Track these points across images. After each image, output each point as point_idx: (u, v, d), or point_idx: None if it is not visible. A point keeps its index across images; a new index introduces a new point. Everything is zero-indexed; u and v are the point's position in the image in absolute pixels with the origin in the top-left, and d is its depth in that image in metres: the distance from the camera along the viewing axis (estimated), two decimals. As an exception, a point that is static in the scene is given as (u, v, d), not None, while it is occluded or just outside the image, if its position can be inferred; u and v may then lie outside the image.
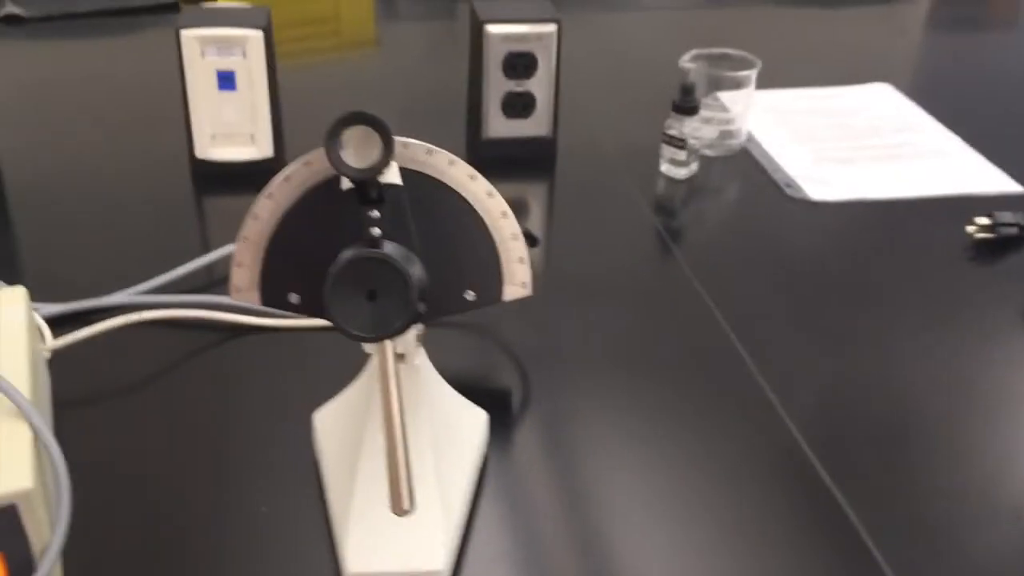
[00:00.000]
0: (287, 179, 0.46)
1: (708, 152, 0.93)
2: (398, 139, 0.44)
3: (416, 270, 0.44)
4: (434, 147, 0.46)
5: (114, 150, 0.92)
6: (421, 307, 0.44)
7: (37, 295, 0.59)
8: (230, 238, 0.76)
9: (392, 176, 0.45)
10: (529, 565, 0.51)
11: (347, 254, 0.42)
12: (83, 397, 0.62)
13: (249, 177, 0.85)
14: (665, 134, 0.88)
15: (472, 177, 0.46)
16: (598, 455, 0.59)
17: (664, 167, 0.90)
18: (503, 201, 0.47)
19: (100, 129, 0.96)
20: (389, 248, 0.43)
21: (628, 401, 0.63)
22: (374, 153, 0.42)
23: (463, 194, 0.47)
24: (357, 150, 0.42)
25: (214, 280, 0.74)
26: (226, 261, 0.74)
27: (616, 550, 0.52)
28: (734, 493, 0.56)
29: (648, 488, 0.56)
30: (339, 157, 0.41)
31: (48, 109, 1.00)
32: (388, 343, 0.44)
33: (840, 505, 0.55)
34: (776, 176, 0.91)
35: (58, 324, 0.66)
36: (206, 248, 0.76)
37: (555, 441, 0.59)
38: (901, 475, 0.58)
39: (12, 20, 1.20)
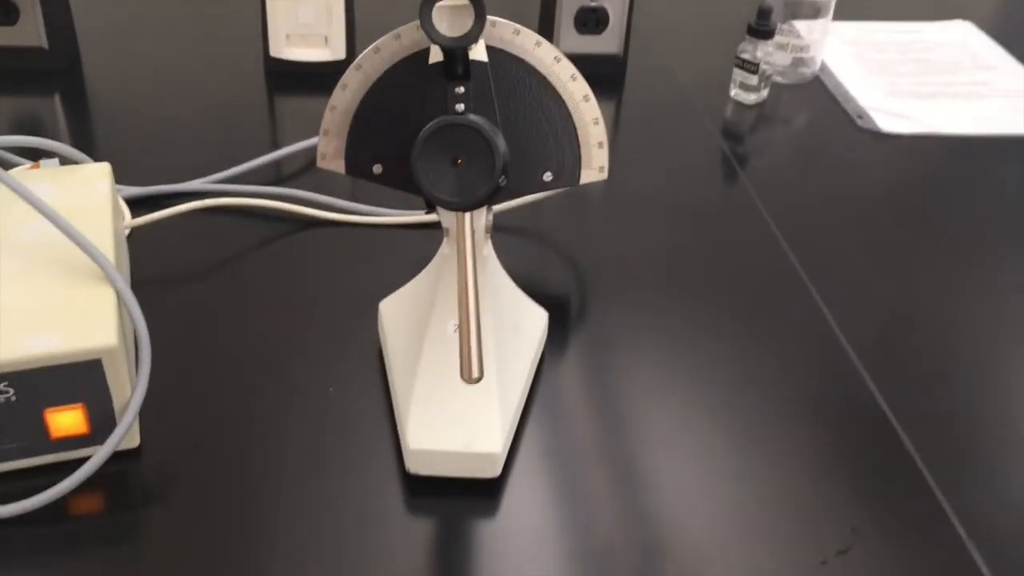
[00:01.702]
0: (376, 50, 0.47)
1: (780, 79, 0.92)
2: (488, 17, 0.44)
3: (501, 142, 0.45)
4: (522, 27, 0.46)
5: (192, 46, 0.94)
6: (502, 180, 0.44)
7: (116, 178, 0.61)
8: (300, 136, 0.78)
9: (479, 53, 0.46)
10: (574, 461, 0.53)
11: (436, 120, 0.43)
12: (157, 275, 0.64)
13: (321, 78, 0.86)
14: (738, 57, 0.87)
15: (557, 60, 0.47)
16: (650, 367, 0.59)
17: (734, 92, 0.89)
18: (586, 85, 0.47)
19: (177, 24, 0.98)
20: (476, 118, 0.44)
21: (683, 319, 0.64)
22: (466, 23, 0.42)
23: (547, 76, 0.47)
24: (451, 19, 0.42)
25: (283, 176, 0.75)
26: (295, 158, 0.76)
27: (659, 458, 0.53)
28: (786, 417, 0.57)
29: (694, 403, 0.57)
30: (432, 25, 0.42)
31: (127, 2, 1.02)
32: (467, 215, 0.45)
33: (895, 430, 0.56)
34: (847, 106, 0.89)
35: (134, 206, 0.69)
36: (276, 144, 0.78)
37: (609, 350, 0.61)
38: (956, 403, 0.58)
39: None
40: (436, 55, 0.45)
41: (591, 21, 0.88)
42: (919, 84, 0.94)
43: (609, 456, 0.53)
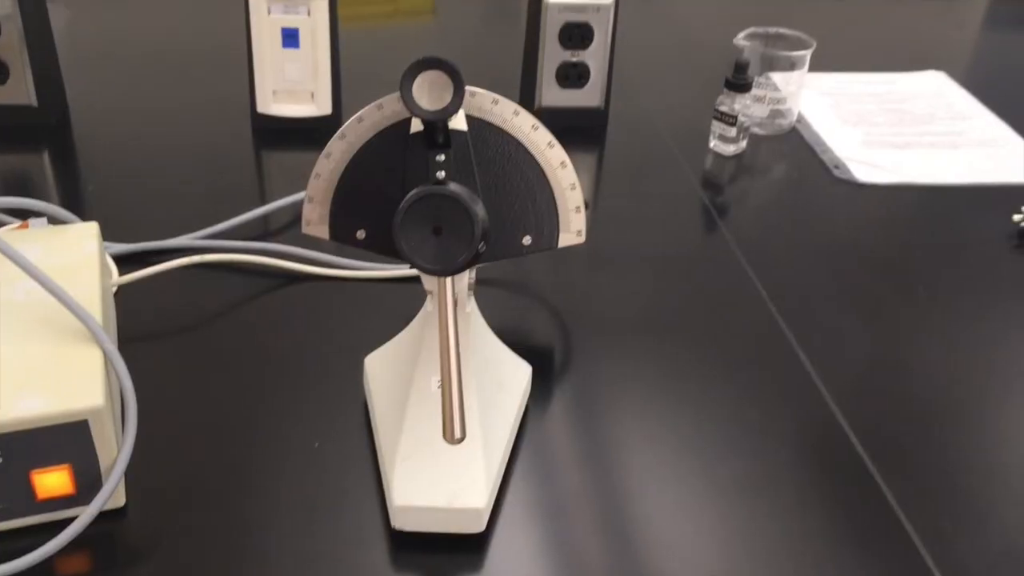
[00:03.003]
0: (359, 120, 0.48)
1: (758, 130, 0.94)
2: (467, 87, 0.46)
3: (479, 210, 0.46)
4: (500, 97, 0.48)
5: (179, 102, 0.95)
6: (482, 246, 0.46)
7: (104, 234, 0.62)
8: (287, 190, 0.79)
9: (459, 122, 0.47)
10: (560, 514, 0.53)
11: (417, 190, 0.44)
12: (145, 332, 0.64)
13: (307, 133, 0.88)
14: (716, 110, 0.89)
15: (535, 127, 0.48)
16: (633, 418, 0.60)
17: (713, 143, 0.91)
18: (563, 152, 0.49)
19: (165, 80, 0.99)
20: (455, 187, 0.45)
21: (666, 369, 0.64)
22: (446, 97, 0.43)
23: (525, 143, 0.48)
24: (430, 93, 0.44)
25: (270, 230, 0.76)
26: (282, 212, 0.77)
27: (644, 509, 0.54)
28: (770, 465, 0.57)
29: (678, 453, 0.58)
30: (413, 98, 0.43)
31: (115, 58, 1.03)
32: (448, 279, 0.46)
33: (874, 478, 0.56)
34: (824, 157, 0.91)
35: (122, 262, 0.69)
36: (263, 199, 0.79)
37: (592, 401, 0.61)
38: (935, 452, 0.59)
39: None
40: (417, 124, 0.47)
41: (572, 75, 0.90)
42: (895, 134, 0.97)
43: (594, 508, 0.54)
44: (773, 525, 0.53)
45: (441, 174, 0.47)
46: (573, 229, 0.50)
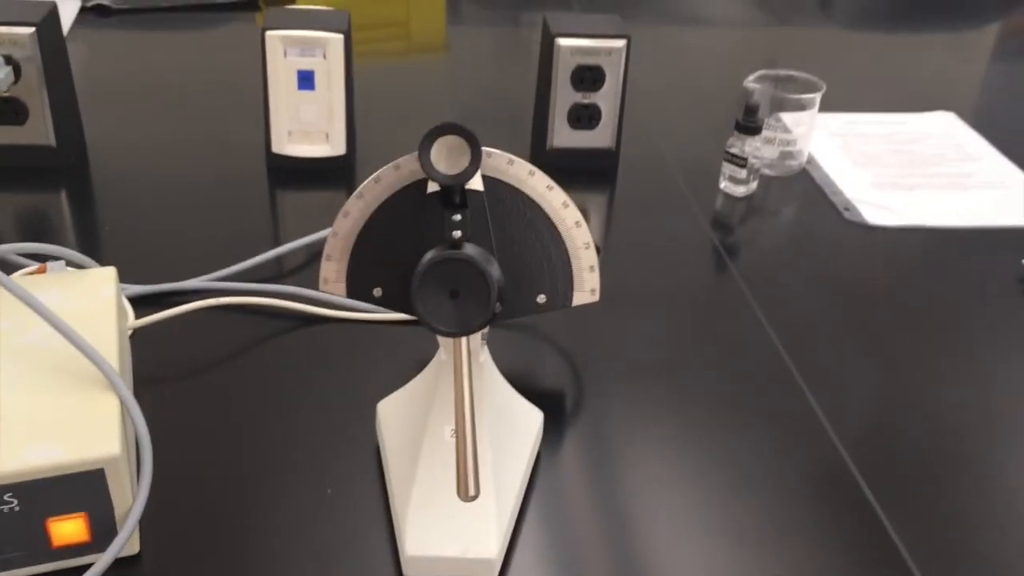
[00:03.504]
0: (377, 180, 0.49)
1: (768, 172, 0.95)
2: (484, 149, 0.46)
3: (495, 272, 0.46)
4: (515, 158, 0.49)
5: (194, 142, 0.96)
6: (498, 307, 0.46)
7: (120, 275, 0.63)
8: (302, 231, 0.80)
9: (476, 183, 0.48)
10: (572, 562, 0.53)
11: (434, 254, 0.45)
12: (160, 374, 0.65)
13: (321, 173, 0.89)
14: (727, 152, 0.90)
15: (550, 188, 0.49)
16: (645, 462, 0.60)
17: (724, 184, 0.92)
18: (577, 211, 0.49)
19: (181, 120, 1.00)
20: (471, 250, 0.46)
21: (677, 411, 0.65)
22: (463, 161, 0.44)
23: (540, 203, 0.49)
24: (448, 158, 0.44)
25: (284, 271, 0.77)
26: (296, 254, 0.78)
27: (656, 558, 0.54)
28: (778, 509, 0.57)
29: (691, 499, 0.58)
30: (431, 163, 0.44)
31: (132, 98, 1.05)
32: (464, 339, 0.46)
33: (884, 526, 0.56)
34: (835, 199, 0.92)
35: (137, 304, 0.70)
36: (277, 240, 0.80)
37: (604, 446, 0.61)
38: (945, 500, 0.59)
39: (100, 10, 1.25)
40: (434, 185, 0.48)
41: (584, 117, 0.91)
42: (904, 176, 0.97)
43: (606, 555, 0.54)
44: (783, 571, 0.53)
45: (457, 234, 0.47)
46: (587, 288, 0.50)
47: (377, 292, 0.50)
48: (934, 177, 0.97)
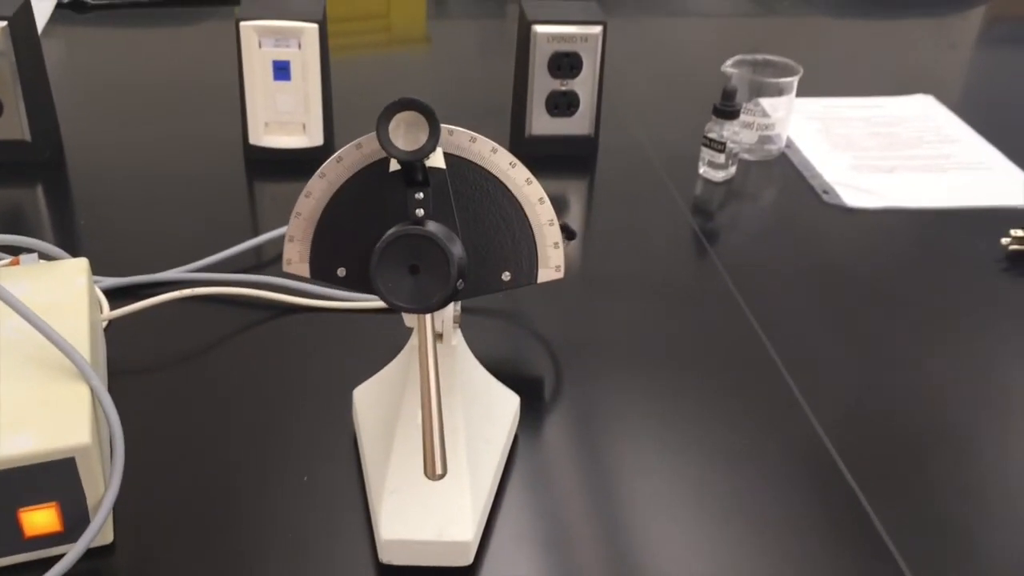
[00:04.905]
0: (339, 160, 0.48)
1: (747, 156, 0.95)
2: (444, 126, 0.46)
3: (456, 248, 0.46)
4: (477, 135, 0.49)
5: (171, 134, 0.96)
6: (460, 284, 0.46)
7: (95, 268, 0.62)
8: (279, 222, 0.79)
9: (437, 160, 0.48)
10: (550, 546, 0.53)
11: (393, 231, 0.45)
12: (135, 365, 0.65)
13: (299, 164, 0.89)
14: (705, 137, 0.90)
15: (512, 164, 0.49)
16: (624, 446, 0.60)
17: (702, 169, 0.92)
18: (540, 188, 0.49)
19: (158, 115, 1.00)
20: (432, 227, 0.46)
21: (657, 396, 0.65)
22: (421, 137, 0.44)
23: (503, 180, 0.49)
24: (406, 134, 0.44)
25: (262, 261, 0.77)
26: (274, 243, 0.78)
27: (636, 539, 0.54)
28: (757, 489, 0.57)
29: (670, 482, 0.58)
30: (389, 139, 0.44)
31: (109, 93, 1.04)
32: (427, 317, 0.46)
33: (862, 504, 0.57)
34: (814, 182, 0.92)
35: (114, 296, 0.70)
36: (255, 231, 0.80)
37: (583, 430, 0.61)
38: (923, 478, 0.59)
39: (76, 6, 1.25)
40: (396, 163, 0.47)
41: (562, 104, 0.91)
42: (883, 158, 0.97)
43: (583, 538, 0.54)
44: (763, 553, 0.53)
45: (420, 212, 0.47)
46: (552, 264, 0.50)
47: (341, 272, 0.50)
48: (913, 159, 0.97)
